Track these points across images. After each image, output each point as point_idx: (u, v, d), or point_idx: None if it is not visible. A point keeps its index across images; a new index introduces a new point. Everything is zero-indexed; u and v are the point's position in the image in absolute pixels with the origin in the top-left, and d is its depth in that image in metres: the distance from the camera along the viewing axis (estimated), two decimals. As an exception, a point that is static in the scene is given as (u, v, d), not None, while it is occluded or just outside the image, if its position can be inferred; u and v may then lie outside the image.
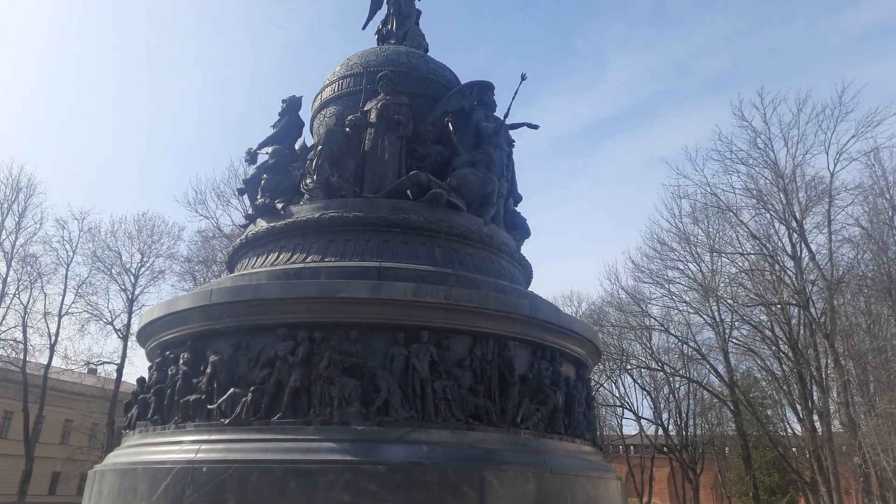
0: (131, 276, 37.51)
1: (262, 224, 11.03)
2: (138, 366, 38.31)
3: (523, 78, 12.62)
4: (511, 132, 12.88)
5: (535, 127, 13.51)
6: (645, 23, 73.42)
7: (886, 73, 51.87)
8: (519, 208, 13.28)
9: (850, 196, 27.26)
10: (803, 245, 27.05)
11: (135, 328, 31.52)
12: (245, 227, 12.01)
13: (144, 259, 37.86)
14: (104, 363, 38.90)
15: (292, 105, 12.39)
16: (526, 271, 12.43)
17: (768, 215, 28.48)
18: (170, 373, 9.41)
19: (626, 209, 68.04)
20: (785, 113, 28.59)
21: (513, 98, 12.42)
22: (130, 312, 36.96)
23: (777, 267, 28.11)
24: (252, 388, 8.38)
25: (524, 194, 13.52)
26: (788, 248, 28.05)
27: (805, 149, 27.73)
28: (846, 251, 27.79)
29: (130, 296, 37.29)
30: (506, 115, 12.53)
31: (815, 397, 28.06)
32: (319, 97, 13.09)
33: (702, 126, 55.31)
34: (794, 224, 27.01)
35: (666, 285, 33.40)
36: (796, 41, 58.85)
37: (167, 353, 9.73)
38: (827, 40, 56.06)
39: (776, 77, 57.30)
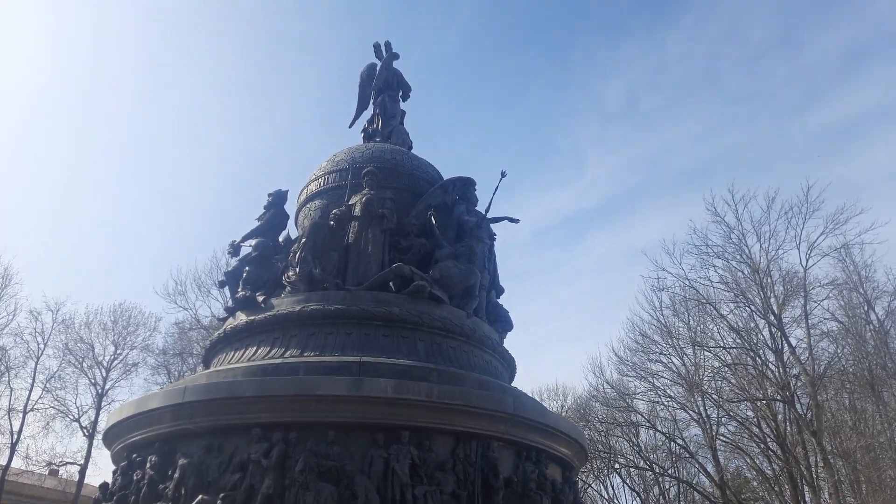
0: (102, 370, 36.19)
1: (241, 317, 10.83)
2: (102, 467, 36.14)
3: (503, 175, 13.07)
4: (492, 226, 13.14)
5: (516, 221, 13.83)
6: (619, 121, 77.26)
7: (850, 170, 54.55)
8: (501, 300, 13.30)
9: (825, 291, 27.78)
10: (783, 340, 27.18)
11: (102, 425, 30.03)
12: (224, 320, 11.78)
13: (118, 351, 36.69)
14: (66, 463, 36.70)
15: (278, 198, 12.57)
16: (509, 365, 12.24)
17: (748, 309, 28.76)
18: (135, 478, 8.85)
19: (609, 300, 68.38)
20: (755, 209, 29.43)
21: (493, 193, 12.79)
22: (99, 408, 35.33)
23: (759, 361, 28.06)
24: (222, 494, 7.89)
25: (507, 286, 13.59)
26: (769, 342, 28.12)
27: (777, 244, 28.50)
28: (826, 345, 27.94)
29: (100, 390, 35.81)
30: (487, 210, 12.82)
31: (806, 499, 27.19)
32: (305, 191, 13.30)
33: (678, 218, 57.00)
34: (773, 318, 27.25)
35: (650, 379, 33.00)
36: (763, 139, 62.14)
37: (134, 455, 9.19)
38: (793, 139, 59.33)
39: (747, 172, 59.77)
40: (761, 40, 67.74)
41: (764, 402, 27.90)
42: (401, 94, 15.97)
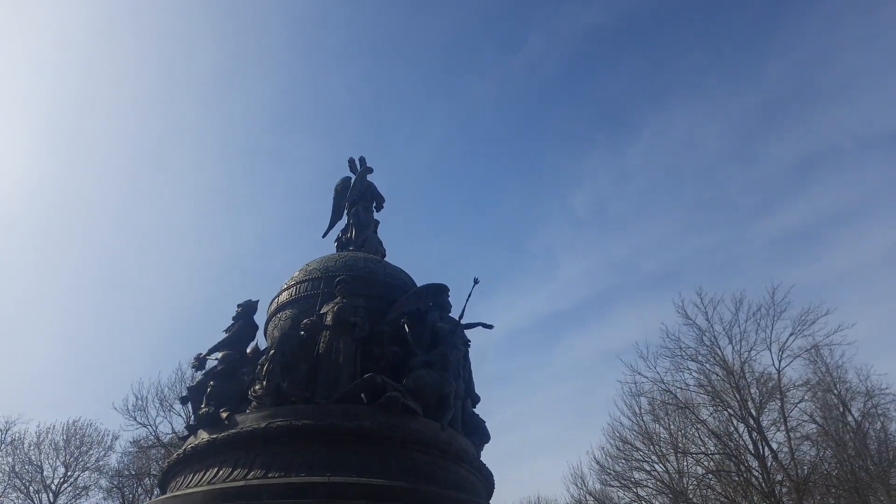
0: (50, 494, 33.59)
1: (203, 436, 10.25)
2: None
3: (476, 282, 13.13)
4: (466, 332, 13.02)
5: (490, 327, 13.75)
6: (588, 227, 79.92)
7: (812, 272, 56.47)
8: (478, 409, 12.92)
9: (801, 392, 27.75)
10: (764, 444, 26.71)
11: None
12: (185, 439, 11.14)
13: (68, 473, 34.26)
14: None
15: (247, 309, 12.35)
16: (487, 481, 11.68)
17: (726, 413, 28.42)
18: None
19: (587, 403, 67.08)
20: (724, 312, 29.88)
21: (467, 300, 12.78)
22: (42, 537, 32.44)
23: (742, 468, 27.37)
24: None
25: (484, 391, 13.26)
26: (751, 446, 27.58)
27: (749, 346, 28.72)
28: (807, 449, 27.50)
29: (45, 517, 33.04)
30: (461, 316, 12.75)
31: None
32: (276, 301, 13.14)
33: (651, 320, 57.92)
34: (752, 422, 26.92)
35: (634, 488, 31.75)
36: (726, 243, 64.49)
37: None
38: (754, 243, 61.64)
39: (714, 275, 61.55)
40: (716, 151, 72.22)
41: (751, 511, 26.91)
42: (374, 204, 16.38)
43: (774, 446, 26.85)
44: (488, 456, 12.21)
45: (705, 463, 29.12)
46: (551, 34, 79.41)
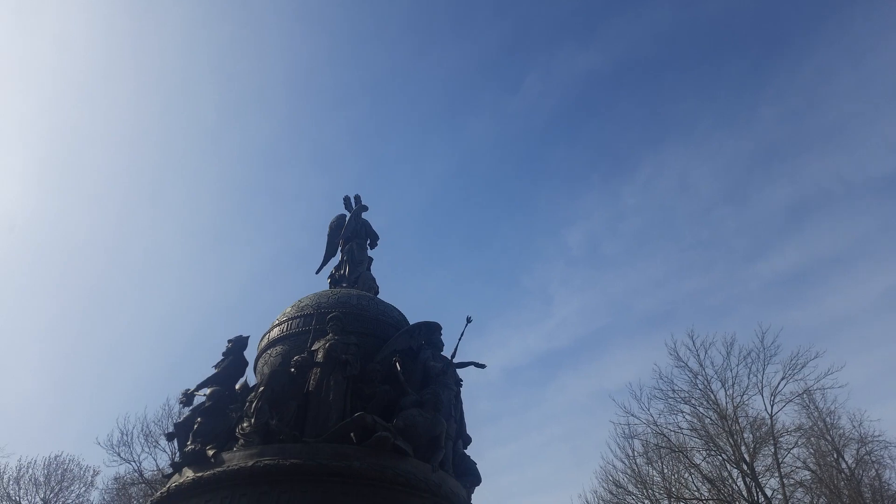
0: (27, 531, 32.57)
1: (188, 474, 10.04)
2: None
3: (468, 321, 13.14)
4: (459, 371, 12.93)
5: (482, 366, 13.66)
6: (583, 265, 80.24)
7: (806, 316, 56.65)
8: (469, 449, 12.72)
9: (794, 438, 27.54)
10: (758, 491, 26.35)
11: None
12: (169, 477, 10.91)
13: (47, 510, 33.30)
14: None
15: (238, 345, 12.23)
16: (478, 525, 11.44)
17: (720, 458, 28.11)
18: None
19: (581, 445, 66.15)
20: (716, 355, 29.86)
21: (459, 339, 12.76)
22: (17, 577, 31.33)
23: (737, 514, 26.94)
24: None
25: (476, 431, 13.08)
26: (745, 493, 27.19)
27: (741, 390, 28.62)
28: (801, 496, 27.14)
29: (22, 556, 31.98)
30: (453, 355, 12.69)
31: None
32: (267, 337, 13.04)
33: (645, 360, 57.50)
34: (746, 468, 26.61)
35: (627, 535, 31.11)
36: (720, 285, 64.79)
37: None
38: (747, 285, 61.93)
39: (707, 316, 61.63)
40: (710, 194, 73.17)
41: (746, 559, 26.38)
42: (368, 242, 16.46)
43: (769, 493, 26.51)
44: (480, 499, 12.00)
45: (699, 509, 28.63)
46: (549, 76, 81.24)
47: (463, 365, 13.13)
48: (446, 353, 12.82)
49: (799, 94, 68.86)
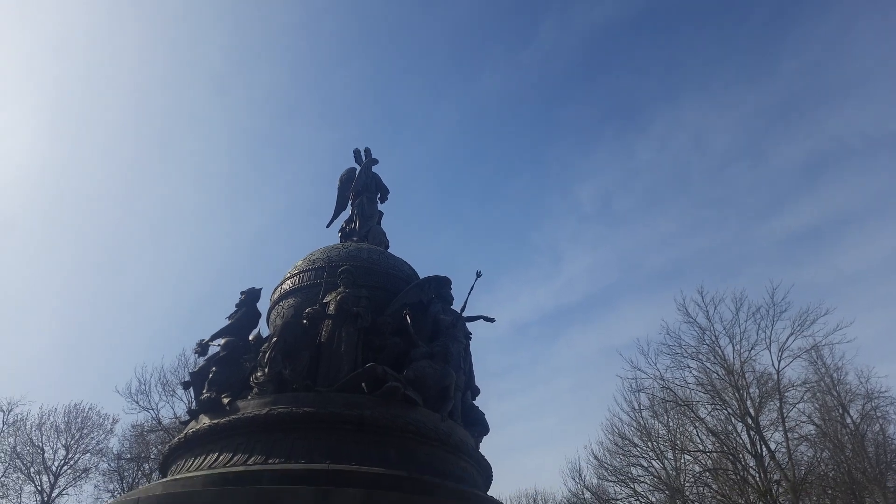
0: (51, 476, 33.86)
1: (204, 421, 10.32)
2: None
3: (478, 275, 13.18)
4: (468, 325, 13.05)
5: (492, 320, 13.77)
6: (594, 222, 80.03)
7: (818, 273, 56.42)
8: (478, 401, 12.96)
9: (799, 392, 27.75)
10: (762, 444, 26.76)
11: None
12: (186, 423, 11.22)
13: (69, 455, 34.54)
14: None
15: (250, 297, 12.39)
16: (485, 472, 11.74)
17: (725, 411, 28.47)
18: None
19: (588, 398, 67.40)
20: (725, 311, 29.85)
21: (469, 293, 12.83)
22: (42, 518, 32.72)
23: (740, 466, 27.44)
24: None
25: (485, 384, 13.31)
26: (748, 446, 27.64)
27: (749, 346, 28.71)
28: (805, 449, 27.54)
29: (46, 498, 33.31)
30: (462, 309, 12.79)
31: None
32: (279, 289, 13.18)
33: (653, 317, 58.09)
34: (751, 421, 26.96)
35: (631, 484, 31.86)
36: (731, 242, 64.53)
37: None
38: (759, 243, 61.62)
39: (717, 273, 61.64)
40: (726, 150, 72.03)
41: (747, 510, 27.01)
42: (379, 196, 16.40)
43: (772, 446, 26.91)
44: (487, 448, 12.29)
45: (702, 461, 29.19)
46: (563, 28, 79.16)
47: (472, 319, 13.25)
48: (456, 307, 12.92)
49: (821, 43, 66.88)
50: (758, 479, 26.51)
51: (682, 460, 30.36)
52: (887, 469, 25.77)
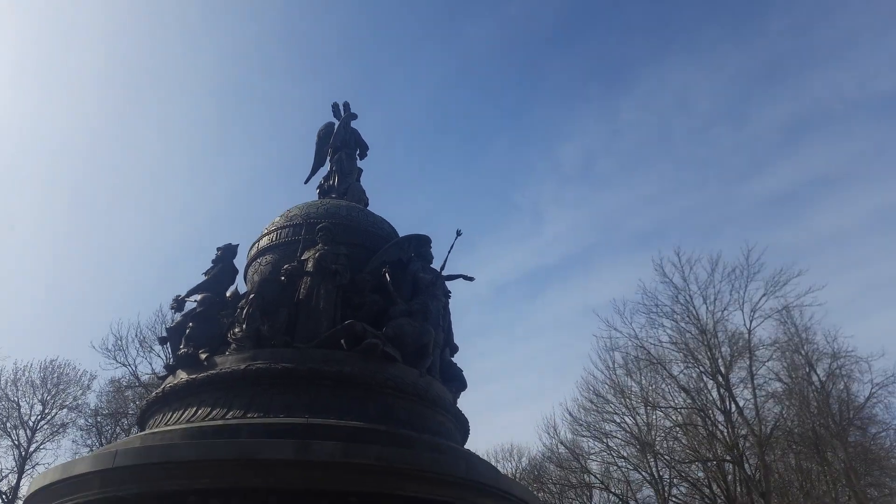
0: (28, 430, 33.81)
1: (182, 376, 10.29)
2: (20, 539, 33.34)
3: (458, 234, 13.13)
4: (448, 283, 13.08)
5: (471, 279, 13.80)
6: (576, 182, 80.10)
7: (795, 235, 57.46)
8: (457, 359, 13.11)
9: (769, 352, 28.57)
10: (731, 400, 27.63)
11: (24, 491, 27.78)
12: (164, 378, 11.19)
13: (46, 411, 34.43)
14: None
15: (227, 253, 12.23)
16: (462, 426, 11.96)
17: (697, 369, 29.25)
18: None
19: (565, 357, 68.79)
20: (701, 272, 30.36)
21: (448, 252, 12.80)
22: (21, 472, 32.77)
23: (709, 422, 28.36)
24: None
25: (464, 343, 13.43)
26: (718, 403, 28.53)
27: (722, 306, 29.36)
28: (772, 406, 28.51)
29: (24, 453, 33.32)
30: (442, 268, 12.79)
31: (760, 562, 27.07)
32: (256, 246, 13.03)
33: (631, 277, 58.54)
34: (721, 379, 27.76)
35: (604, 439, 32.86)
36: (711, 204, 65.22)
37: (56, 525, 8.44)
38: (739, 204, 62.31)
39: (696, 235, 62.52)
40: (708, 111, 71.99)
41: (714, 462, 28.06)
42: (358, 152, 16.13)
43: (741, 403, 27.83)
44: (466, 404, 12.48)
45: (673, 417, 30.14)
46: (547, -16, 77.41)
47: (452, 277, 13.27)
48: (436, 265, 12.90)
49: (808, 5, 66.48)
50: (726, 433, 27.48)
51: (654, 416, 31.31)
52: (849, 425, 26.83)
